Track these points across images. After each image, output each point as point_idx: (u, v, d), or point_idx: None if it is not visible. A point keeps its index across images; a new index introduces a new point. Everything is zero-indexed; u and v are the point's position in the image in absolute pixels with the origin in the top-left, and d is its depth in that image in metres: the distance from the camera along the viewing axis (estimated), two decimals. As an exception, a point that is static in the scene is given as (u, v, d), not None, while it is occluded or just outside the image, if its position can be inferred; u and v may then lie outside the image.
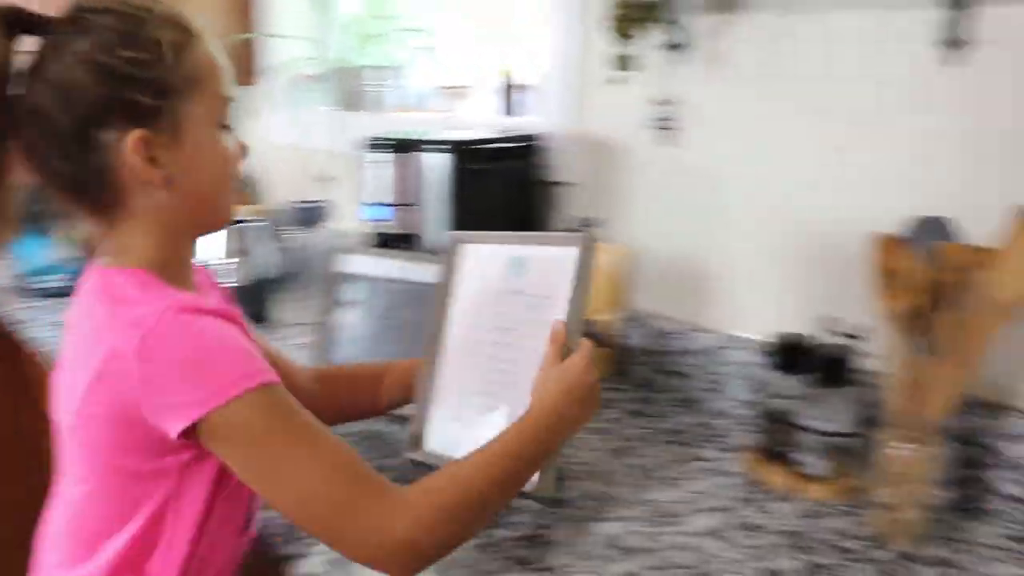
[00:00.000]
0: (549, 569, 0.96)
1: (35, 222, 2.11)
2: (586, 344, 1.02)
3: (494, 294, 1.15)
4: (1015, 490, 1.07)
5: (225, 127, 0.96)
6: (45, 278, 2.17)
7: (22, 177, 0.97)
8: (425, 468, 0.96)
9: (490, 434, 0.94)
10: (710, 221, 1.41)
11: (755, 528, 1.05)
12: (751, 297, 1.38)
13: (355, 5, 2.19)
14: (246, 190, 2.57)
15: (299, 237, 1.91)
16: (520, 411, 0.98)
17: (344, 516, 0.81)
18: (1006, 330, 0.97)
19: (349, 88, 2.06)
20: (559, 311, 1.05)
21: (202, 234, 1.01)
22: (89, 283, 0.94)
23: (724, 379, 1.39)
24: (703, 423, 1.36)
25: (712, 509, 1.10)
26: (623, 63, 1.37)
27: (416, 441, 1.16)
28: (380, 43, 2.10)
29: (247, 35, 2.38)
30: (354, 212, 1.94)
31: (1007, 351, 1.05)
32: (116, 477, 0.89)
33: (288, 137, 2.38)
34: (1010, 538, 1.04)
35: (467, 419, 1.12)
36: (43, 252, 2.16)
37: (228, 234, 1.87)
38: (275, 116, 2.46)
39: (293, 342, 1.76)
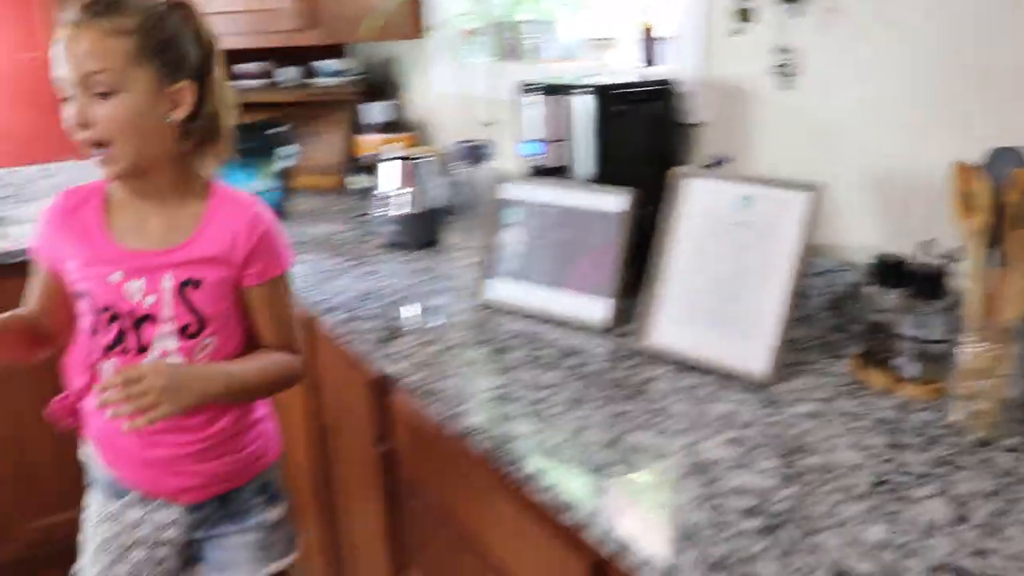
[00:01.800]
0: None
1: (236, 160, 2.46)
2: None
3: (723, 223, 1.42)
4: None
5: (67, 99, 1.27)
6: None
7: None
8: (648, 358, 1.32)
9: (710, 340, 1.37)
10: (822, 157, 1.57)
11: (852, 415, 1.24)
12: (858, 224, 1.55)
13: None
14: (415, 132, 2.86)
15: (464, 172, 2.17)
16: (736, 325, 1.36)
17: None
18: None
19: (506, 41, 2.29)
20: (782, 244, 1.34)
21: None
22: None
23: (835, 296, 1.57)
24: (817, 335, 1.54)
25: (818, 400, 1.29)
26: (744, 15, 1.55)
27: (643, 336, 1.46)
28: (534, 0, 2.31)
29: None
30: (512, 151, 2.19)
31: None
32: None
33: (452, 86, 2.64)
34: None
35: (691, 322, 1.43)
36: (244, 185, 2.50)
37: (402, 168, 2.15)
38: (441, 67, 2.73)
39: (460, 263, 2.04)
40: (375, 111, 2.82)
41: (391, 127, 2.83)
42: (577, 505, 1.04)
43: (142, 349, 1.36)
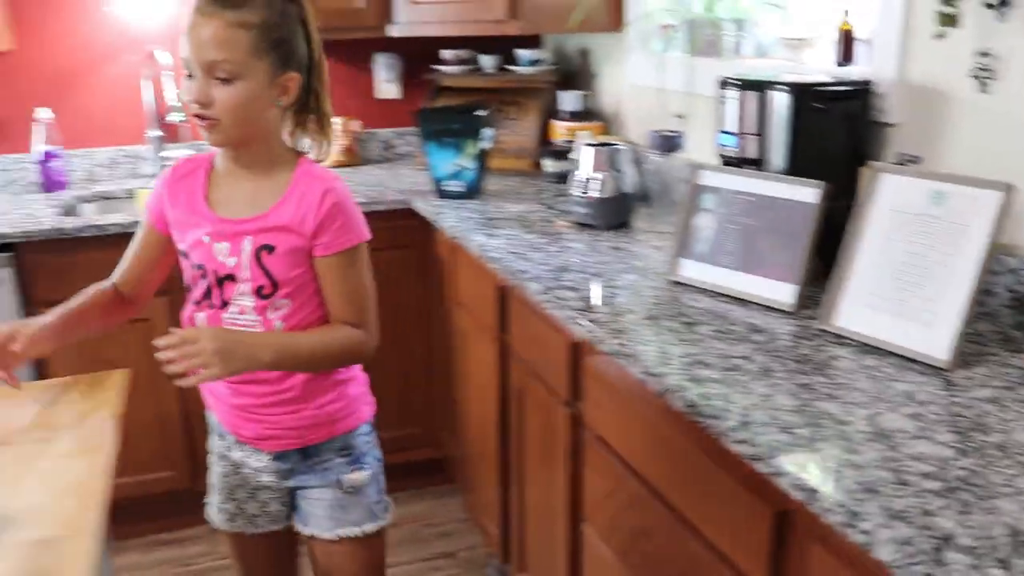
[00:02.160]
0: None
1: (441, 139, 2.68)
2: None
3: (913, 217, 1.52)
4: None
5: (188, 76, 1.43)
6: (450, 183, 2.74)
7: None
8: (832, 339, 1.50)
9: (894, 326, 1.48)
10: (1018, 162, 1.62)
11: (1017, 402, 1.33)
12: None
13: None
14: (605, 121, 3.01)
15: (656, 161, 2.31)
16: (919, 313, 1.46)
17: None
18: None
19: (705, 37, 2.41)
20: (971, 240, 1.43)
21: None
22: None
23: (1020, 295, 1.62)
24: (998, 330, 1.60)
25: (997, 387, 1.37)
26: (949, 20, 1.62)
27: (827, 318, 1.59)
28: (732, -1, 2.42)
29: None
30: (702, 143, 2.32)
31: None
32: None
33: (645, 78, 2.78)
34: None
35: (875, 308, 1.54)
36: (448, 163, 2.72)
37: (596, 154, 2.31)
38: (635, 59, 2.87)
39: (649, 245, 2.18)
40: (568, 99, 2.99)
41: (582, 115, 2.99)
42: (769, 456, 1.18)
43: (224, 304, 1.52)
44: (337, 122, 3.25)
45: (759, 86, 1.86)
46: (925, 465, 1.14)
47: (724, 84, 1.94)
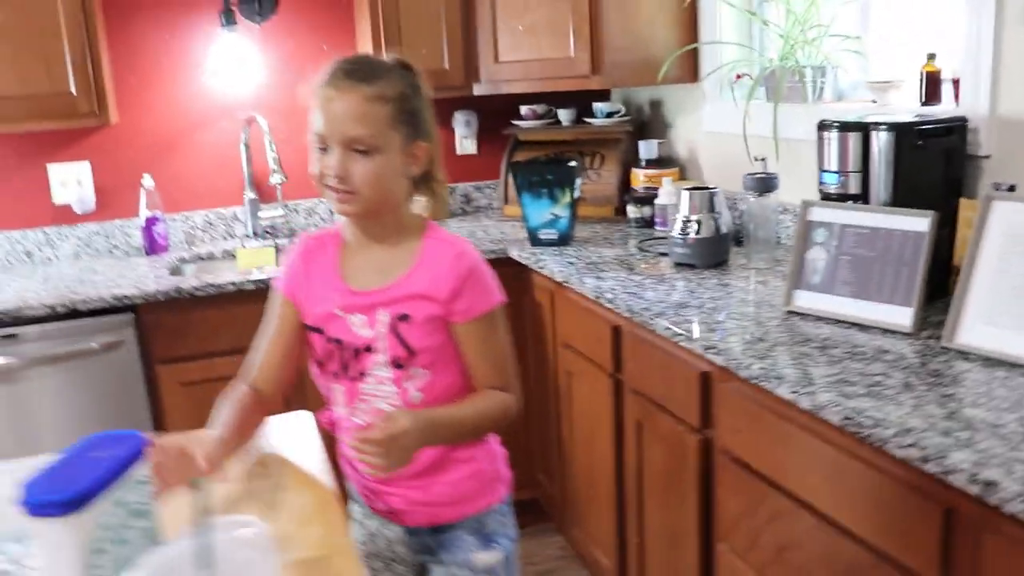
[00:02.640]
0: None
1: (537, 191, 2.84)
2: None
3: None
4: None
5: (320, 148, 1.45)
6: (544, 231, 2.90)
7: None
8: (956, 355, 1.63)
9: (1018, 340, 1.59)
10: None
11: None
12: None
13: (783, 16, 2.69)
14: (681, 166, 3.17)
15: (751, 201, 2.46)
16: None
17: None
18: None
19: (782, 84, 2.57)
20: None
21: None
22: None
23: None
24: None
25: None
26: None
27: (950, 336, 1.72)
28: (813, 46, 2.58)
29: (691, 46, 2.96)
30: (789, 184, 2.47)
31: None
32: None
33: (723, 125, 2.94)
34: None
35: (996, 324, 1.68)
36: (543, 212, 2.88)
37: (692, 197, 2.46)
38: (710, 108, 3.03)
39: (752, 281, 2.33)
40: (646, 148, 3.15)
41: (659, 162, 3.16)
42: (939, 456, 1.30)
43: (360, 375, 1.53)
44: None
45: (859, 127, 2.02)
46: (1082, 458, 1.26)
47: (823, 126, 2.09)
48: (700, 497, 2.04)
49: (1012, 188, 1.92)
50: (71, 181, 3.25)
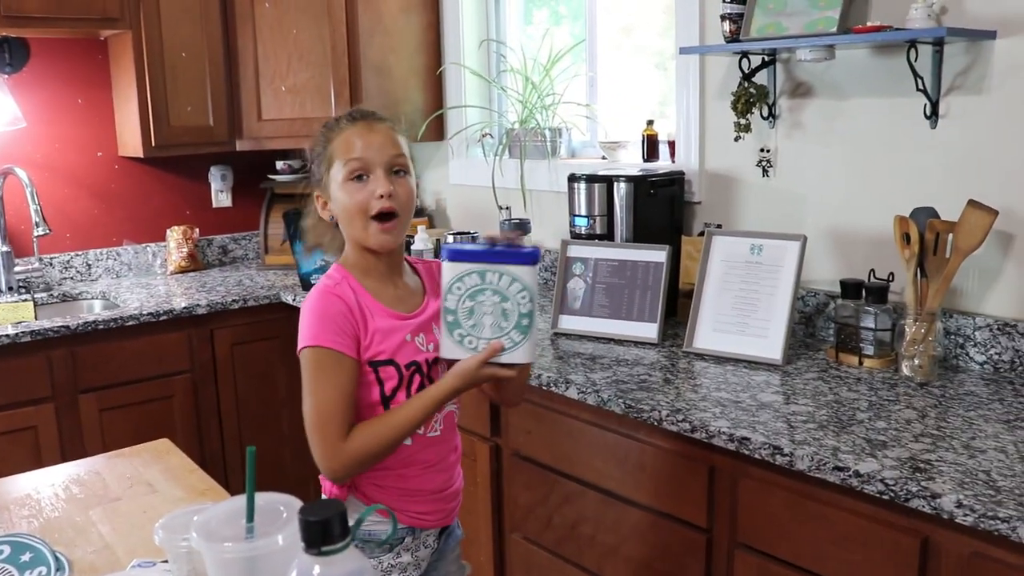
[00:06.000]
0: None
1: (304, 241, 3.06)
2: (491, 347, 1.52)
3: (740, 263, 2.15)
4: (974, 354, 2.00)
5: (357, 179, 1.54)
6: (316, 276, 3.13)
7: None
8: (696, 356, 2.05)
9: (738, 341, 2.07)
10: (791, 222, 2.33)
11: (833, 378, 1.98)
12: (822, 262, 2.31)
13: (522, 84, 3.14)
14: (429, 216, 3.53)
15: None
16: (755, 330, 2.04)
17: (311, 439, 1.50)
18: (965, 265, 1.91)
19: (526, 143, 3.00)
20: (783, 279, 2.08)
21: (370, 250, 1.56)
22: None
23: (811, 313, 2.32)
24: (797, 340, 2.28)
25: (814, 375, 2.02)
26: (743, 128, 2.32)
27: (689, 342, 2.17)
28: (550, 110, 3.04)
29: (440, 111, 3.34)
30: (536, 228, 2.89)
31: (965, 276, 1.99)
32: None
33: (467, 178, 3.33)
34: (982, 378, 1.96)
35: (721, 331, 2.15)
36: (314, 259, 3.11)
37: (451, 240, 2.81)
38: (455, 163, 3.42)
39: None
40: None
41: (412, 212, 3.48)
42: (705, 425, 1.72)
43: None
44: (178, 230, 3.53)
45: (603, 179, 2.47)
46: (802, 416, 1.74)
47: (573, 179, 2.53)
48: (492, 496, 2.36)
49: (719, 226, 2.46)
50: None
